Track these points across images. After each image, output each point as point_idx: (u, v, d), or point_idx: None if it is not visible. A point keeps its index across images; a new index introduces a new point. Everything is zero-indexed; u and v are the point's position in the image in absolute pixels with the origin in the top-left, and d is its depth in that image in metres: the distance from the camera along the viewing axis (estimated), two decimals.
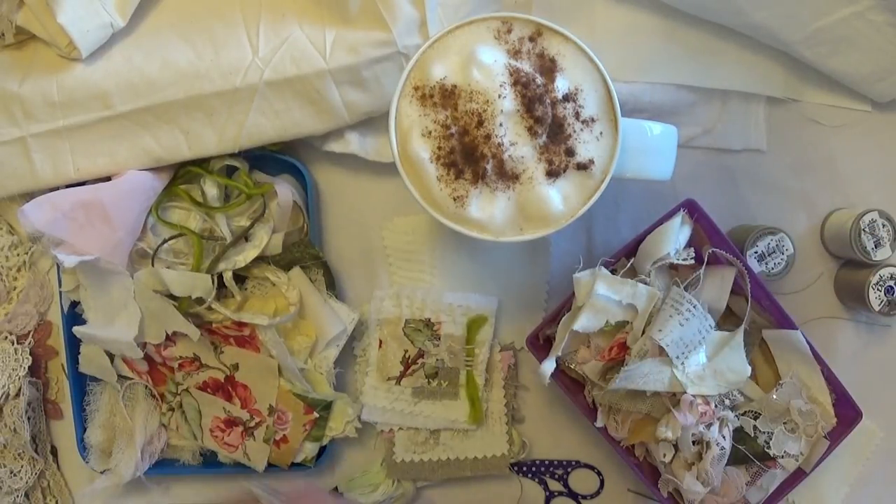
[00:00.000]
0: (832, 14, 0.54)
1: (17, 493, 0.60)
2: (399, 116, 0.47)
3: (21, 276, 0.61)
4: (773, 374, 0.54)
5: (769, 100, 0.60)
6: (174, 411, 0.58)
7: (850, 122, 0.60)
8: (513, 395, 0.59)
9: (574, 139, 0.46)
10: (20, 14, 0.53)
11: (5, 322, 0.61)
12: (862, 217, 0.56)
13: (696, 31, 0.58)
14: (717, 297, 0.52)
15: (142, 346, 0.56)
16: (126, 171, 0.55)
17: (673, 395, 0.50)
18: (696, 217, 0.52)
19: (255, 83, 0.53)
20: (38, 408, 0.61)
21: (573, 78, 0.47)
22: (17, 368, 0.60)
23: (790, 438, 0.52)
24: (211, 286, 0.56)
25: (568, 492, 0.60)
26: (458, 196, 0.46)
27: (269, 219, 0.57)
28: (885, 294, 0.56)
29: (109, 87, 0.53)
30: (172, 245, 0.57)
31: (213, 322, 0.57)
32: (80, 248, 0.54)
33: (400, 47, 0.53)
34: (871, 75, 0.57)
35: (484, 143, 0.46)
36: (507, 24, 0.47)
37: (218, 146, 0.55)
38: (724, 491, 0.52)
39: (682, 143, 0.54)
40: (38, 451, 0.60)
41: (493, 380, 0.59)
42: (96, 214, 0.54)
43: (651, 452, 0.53)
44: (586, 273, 0.51)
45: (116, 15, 0.54)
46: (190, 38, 0.54)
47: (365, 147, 0.58)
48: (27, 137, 0.54)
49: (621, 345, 0.51)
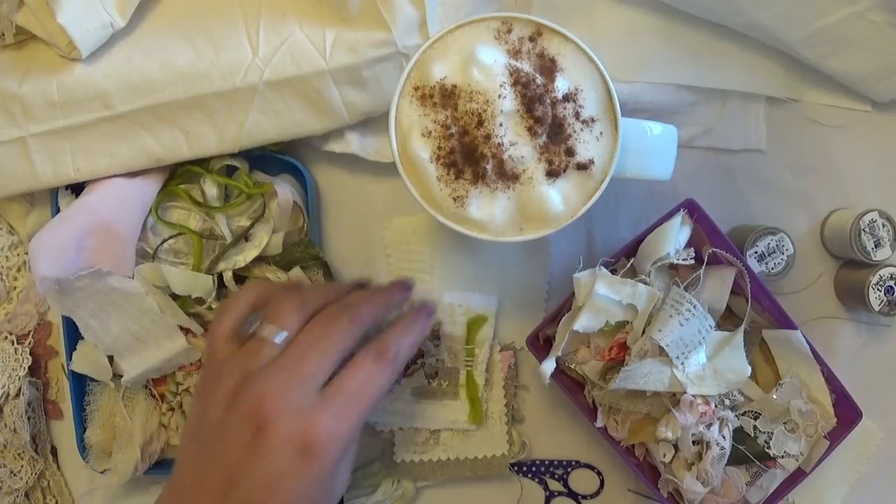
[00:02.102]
0: (832, 14, 0.54)
1: (17, 493, 0.60)
2: (399, 116, 0.47)
3: (21, 276, 0.61)
4: (773, 374, 0.54)
5: (769, 100, 0.60)
6: (174, 411, 0.58)
7: (850, 122, 0.60)
8: (513, 395, 0.59)
9: (574, 139, 0.46)
10: (20, 14, 0.53)
11: (5, 322, 0.61)
12: (862, 217, 0.56)
13: (696, 31, 0.58)
14: (717, 297, 0.52)
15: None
16: (109, 180, 0.55)
17: (673, 395, 0.50)
18: (696, 217, 0.52)
19: (255, 83, 0.53)
20: (38, 408, 0.61)
21: (573, 78, 0.47)
22: (17, 368, 0.60)
23: (790, 438, 0.52)
24: (212, 286, 0.56)
25: (568, 492, 0.60)
26: (458, 196, 0.46)
27: (269, 219, 0.57)
28: (885, 294, 0.56)
29: (109, 87, 0.53)
30: (172, 245, 0.57)
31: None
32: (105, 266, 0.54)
33: (400, 47, 0.53)
34: (871, 75, 0.57)
35: (484, 143, 0.46)
36: (507, 24, 0.47)
37: (218, 146, 0.55)
38: (724, 491, 0.52)
39: (682, 143, 0.54)
40: (38, 451, 0.60)
41: (493, 380, 0.59)
42: (103, 232, 0.54)
43: (651, 452, 0.53)
44: (586, 273, 0.51)
45: (116, 15, 0.53)
46: (190, 37, 0.54)
47: (365, 147, 0.58)
48: (27, 137, 0.54)
49: (621, 345, 0.51)
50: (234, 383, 0.44)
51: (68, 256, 0.53)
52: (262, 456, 0.41)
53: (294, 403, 0.42)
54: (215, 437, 0.43)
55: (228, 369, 0.45)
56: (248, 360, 0.45)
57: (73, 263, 0.53)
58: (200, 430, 0.44)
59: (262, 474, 0.41)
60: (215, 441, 0.43)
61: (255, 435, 0.42)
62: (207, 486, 0.42)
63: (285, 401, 0.42)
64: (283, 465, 0.41)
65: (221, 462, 0.42)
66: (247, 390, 0.43)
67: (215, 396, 0.44)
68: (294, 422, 0.42)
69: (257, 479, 0.41)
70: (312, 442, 0.42)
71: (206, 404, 0.44)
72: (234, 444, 0.42)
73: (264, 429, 0.42)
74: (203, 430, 0.44)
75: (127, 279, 0.55)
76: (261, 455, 0.41)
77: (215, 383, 0.45)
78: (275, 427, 0.42)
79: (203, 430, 0.44)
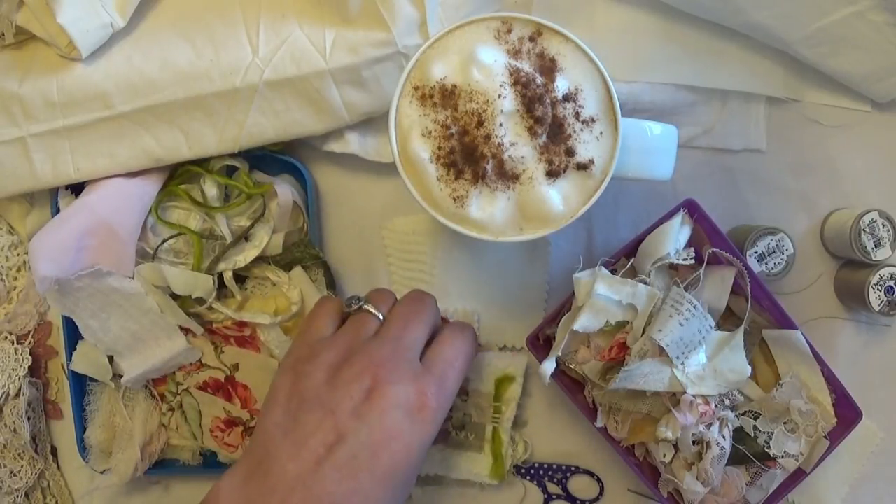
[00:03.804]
0: (832, 14, 0.54)
1: (17, 493, 0.60)
2: (399, 116, 0.47)
3: (21, 276, 0.61)
4: (773, 374, 0.54)
5: (769, 100, 0.60)
6: (174, 411, 0.58)
7: (850, 122, 0.60)
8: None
9: (574, 139, 0.46)
10: (20, 14, 0.53)
11: (5, 322, 0.61)
12: (862, 217, 0.56)
13: (696, 31, 0.58)
14: (717, 297, 0.52)
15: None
16: (109, 180, 0.55)
17: (673, 395, 0.50)
18: (696, 217, 0.52)
19: (255, 83, 0.53)
20: (38, 408, 0.61)
21: (573, 78, 0.47)
22: (17, 368, 0.60)
23: (790, 438, 0.52)
24: (212, 286, 0.56)
25: (566, 496, 0.60)
26: (458, 196, 0.46)
27: (269, 219, 0.57)
28: (885, 294, 0.56)
29: (109, 87, 0.53)
30: (172, 245, 0.57)
31: (213, 322, 0.58)
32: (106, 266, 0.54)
33: (400, 47, 0.53)
34: (871, 75, 0.57)
35: (484, 143, 0.46)
36: (507, 24, 0.47)
37: (218, 146, 0.55)
38: (724, 491, 0.52)
39: (682, 143, 0.54)
40: (38, 451, 0.60)
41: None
42: (103, 232, 0.54)
43: (651, 452, 0.53)
44: (586, 273, 0.51)
45: (116, 15, 0.53)
46: (190, 37, 0.54)
47: (365, 147, 0.58)
48: (27, 137, 0.54)
49: (621, 345, 0.51)
50: (338, 354, 0.46)
51: (68, 256, 0.53)
52: (375, 416, 0.43)
53: (404, 369, 0.45)
54: (317, 402, 0.44)
55: (332, 343, 0.47)
56: (352, 335, 0.48)
57: (73, 263, 0.53)
58: (295, 401, 0.45)
59: (373, 432, 0.43)
60: (317, 407, 0.44)
61: (367, 397, 0.44)
62: (308, 447, 0.43)
63: (395, 366, 0.45)
64: (396, 426, 0.44)
65: (328, 423, 0.44)
66: (355, 359, 0.46)
67: (315, 367, 0.46)
68: (406, 386, 0.44)
69: (369, 437, 0.43)
70: (424, 405, 0.44)
71: (301, 374, 0.46)
72: (344, 406, 0.44)
73: (377, 390, 0.44)
74: (300, 400, 0.45)
75: (127, 279, 0.55)
76: (374, 415, 0.43)
77: (314, 356, 0.46)
78: (387, 389, 0.44)
79: (299, 399, 0.45)
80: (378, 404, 0.44)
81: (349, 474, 0.42)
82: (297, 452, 0.43)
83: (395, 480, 0.44)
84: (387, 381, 0.44)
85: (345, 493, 0.42)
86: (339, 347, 0.47)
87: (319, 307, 0.51)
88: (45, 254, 0.52)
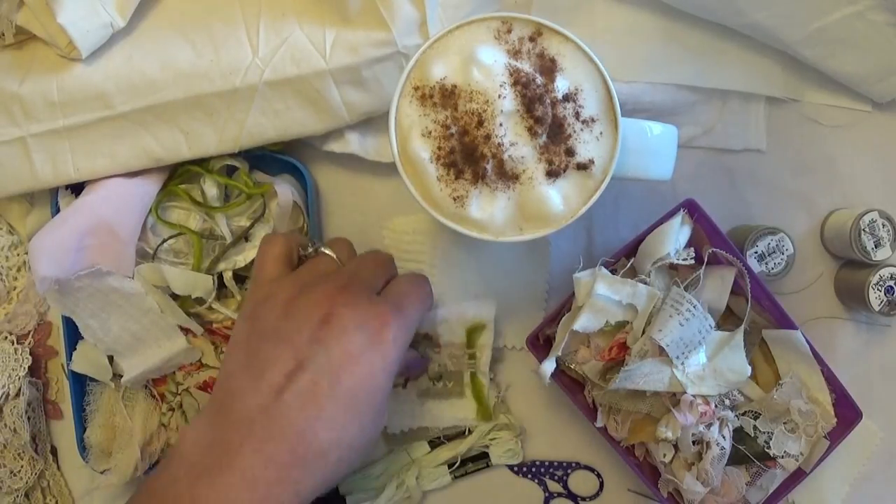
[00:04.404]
0: (832, 14, 0.54)
1: (17, 493, 0.60)
2: (399, 116, 0.47)
3: (21, 276, 0.61)
4: (773, 374, 0.54)
5: (769, 100, 0.60)
6: (174, 411, 0.58)
7: (850, 122, 0.60)
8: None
9: (574, 139, 0.46)
10: (20, 14, 0.53)
11: (5, 322, 0.61)
12: (862, 217, 0.56)
13: (696, 31, 0.58)
14: (717, 297, 0.52)
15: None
16: (109, 180, 0.55)
17: (673, 395, 0.50)
18: (696, 217, 0.52)
19: (255, 83, 0.53)
20: (38, 408, 0.61)
21: (573, 78, 0.47)
22: (17, 368, 0.60)
23: (790, 438, 0.52)
24: (212, 286, 0.56)
25: (567, 493, 0.60)
26: (458, 196, 0.46)
27: (269, 219, 0.57)
28: (885, 294, 0.56)
29: (109, 87, 0.53)
30: (172, 245, 0.57)
31: (213, 322, 0.58)
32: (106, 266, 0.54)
33: (400, 47, 0.53)
34: (871, 75, 0.57)
35: (484, 143, 0.46)
36: (507, 24, 0.47)
37: (218, 146, 0.55)
38: (724, 491, 0.52)
39: (682, 143, 0.54)
40: (38, 451, 0.60)
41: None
42: (103, 232, 0.54)
43: (651, 452, 0.53)
44: (586, 273, 0.51)
45: (116, 15, 0.53)
46: (190, 37, 0.54)
47: (365, 147, 0.58)
48: (27, 137, 0.54)
49: (621, 345, 0.51)
50: (291, 293, 0.45)
51: (68, 256, 0.52)
52: (333, 338, 0.42)
53: (361, 296, 0.44)
54: (274, 335, 0.43)
55: (285, 283, 0.46)
56: (305, 274, 0.47)
57: (73, 263, 0.53)
58: (254, 339, 0.44)
59: (332, 356, 0.42)
60: (274, 339, 0.43)
61: (324, 321, 0.43)
62: (267, 378, 0.42)
63: (352, 293, 0.44)
64: (355, 348, 0.42)
65: (286, 352, 0.42)
66: (310, 290, 0.44)
67: (270, 307, 0.45)
68: (363, 310, 0.43)
69: (328, 361, 0.42)
70: (383, 324, 0.43)
71: (257, 316, 0.45)
72: (302, 333, 0.43)
73: (334, 314, 0.43)
74: (257, 337, 0.44)
75: (127, 279, 0.55)
76: (332, 338, 0.42)
77: (268, 297, 0.45)
78: (344, 311, 0.43)
79: (256, 337, 0.44)
80: (336, 326, 0.42)
81: (311, 400, 0.41)
82: (257, 385, 0.42)
83: (360, 405, 0.42)
84: (343, 305, 0.43)
85: (308, 420, 0.41)
86: (294, 286, 0.45)
87: (265, 252, 0.49)
88: (45, 254, 0.52)
